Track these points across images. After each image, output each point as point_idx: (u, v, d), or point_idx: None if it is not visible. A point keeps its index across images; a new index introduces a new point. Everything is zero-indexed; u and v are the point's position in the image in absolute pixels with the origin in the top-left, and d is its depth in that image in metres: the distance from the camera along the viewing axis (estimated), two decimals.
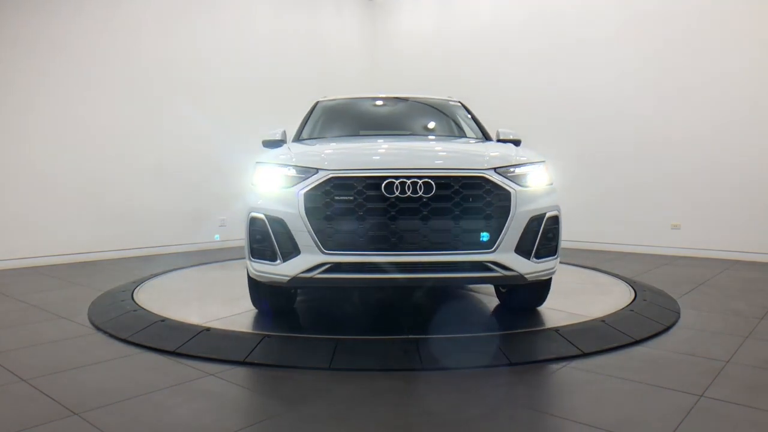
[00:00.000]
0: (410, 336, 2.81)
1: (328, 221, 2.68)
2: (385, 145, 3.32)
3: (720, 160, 6.14)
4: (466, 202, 2.66)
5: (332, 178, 2.71)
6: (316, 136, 4.07)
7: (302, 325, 3.06)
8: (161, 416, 2.02)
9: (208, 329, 2.95)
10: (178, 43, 6.82)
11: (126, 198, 6.33)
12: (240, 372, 2.47)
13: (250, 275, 3.03)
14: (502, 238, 2.65)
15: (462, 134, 4.14)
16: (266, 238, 2.78)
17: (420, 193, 2.63)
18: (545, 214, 2.81)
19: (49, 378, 2.39)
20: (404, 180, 2.65)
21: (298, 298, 3.81)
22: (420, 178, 2.66)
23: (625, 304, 3.52)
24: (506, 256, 2.67)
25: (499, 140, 3.81)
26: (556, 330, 2.91)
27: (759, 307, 3.73)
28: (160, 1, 6.65)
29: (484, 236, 2.65)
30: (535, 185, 2.89)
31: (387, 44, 9.32)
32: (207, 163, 6.99)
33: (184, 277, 4.73)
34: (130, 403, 2.14)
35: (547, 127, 7.33)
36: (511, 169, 2.83)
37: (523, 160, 2.96)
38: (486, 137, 4.03)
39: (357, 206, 2.65)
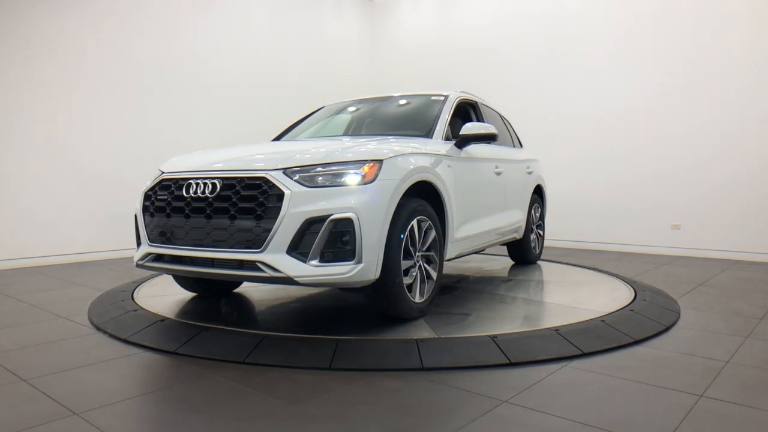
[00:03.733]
0: (411, 336, 2.81)
1: (151, 217, 3.08)
2: (231, 149, 3.38)
3: (720, 160, 6.15)
4: (243, 202, 2.75)
5: (162, 180, 3.13)
6: (288, 139, 4.35)
7: (302, 325, 3.06)
8: (161, 416, 2.02)
9: (207, 329, 2.95)
10: (177, 43, 6.82)
11: (126, 198, 6.32)
12: (240, 372, 2.47)
13: None
14: (271, 239, 2.64)
15: (421, 131, 3.84)
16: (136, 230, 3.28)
17: (206, 194, 2.85)
18: (330, 216, 2.63)
19: (49, 378, 2.39)
20: (198, 181, 2.91)
21: (297, 298, 3.81)
22: (210, 179, 2.89)
23: (625, 304, 3.51)
24: (275, 257, 2.63)
25: (461, 136, 3.70)
26: (556, 330, 2.90)
27: (759, 307, 3.73)
28: (159, 2, 6.65)
29: (256, 235, 2.69)
30: (332, 185, 2.73)
31: (387, 43, 9.32)
32: None
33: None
34: (130, 403, 2.14)
35: (546, 126, 7.33)
36: (306, 170, 2.76)
37: (328, 160, 2.81)
38: (451, 135, 3.83)
39: (166, 204, 3.01)
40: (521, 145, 5.50)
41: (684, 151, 6.38)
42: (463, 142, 3.77)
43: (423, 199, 3.21)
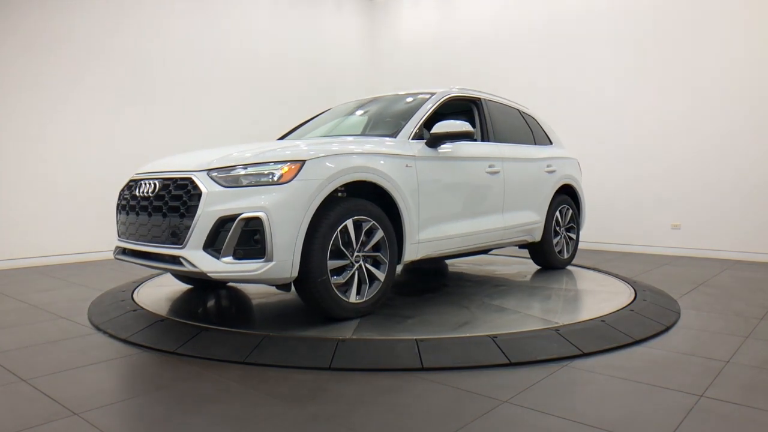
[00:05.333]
0: (411, 336, 2.81)
1: (119, 214, 3.38)
2: (199, 151, 3.50)
3: (720, 159, 6.15)
4: (173, 201, 2.93)
5: (129, 180, 3.37)
6: (290, 138, 4.41)
7: (302, 325, 3.07)
8: (161, 416, 2.02)
9: (207, 329, 2.95)
10: (177, 42, 6.82)
11: None
12: (240, 372, 2.47)
13: None
14: (190, 236, 2.80)
15: (389, 131, 3.77)
16: None
17: (149, 193, 3.07)
18: (240, 215, 2.73)
19: (49, 378, 2.39)
20: (145, 182, 3.15)
21: (298, 298, 3.81)
22: (153, 180, 3.11)
23: (625, 304, 3.51)
24: (193, 253, 2.79)
25: (431, 134, 3.62)
26: (556, 330, 2.90)
27: (759, 307, 3.73)
28: (159, 2, 6.65)
29: (180, 232, 2.86)
30: (249, 185, 2.81)
31: (387, 43, 9.32)
32: None
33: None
34: (130, 403, 2.14)
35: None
36: (226, 171, 2.88)
37: (251, 161, 2.89)
38: (420, 135, 3.73)
39: (126, 203, 3.26)
40: (551, 142, 5.18)
41: (684, 150, 6.38)
42: (434, 141, 3.64)
43: (374, 199, 3.24)
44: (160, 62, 6.66)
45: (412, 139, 3.62)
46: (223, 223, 2.76)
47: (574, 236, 5.22)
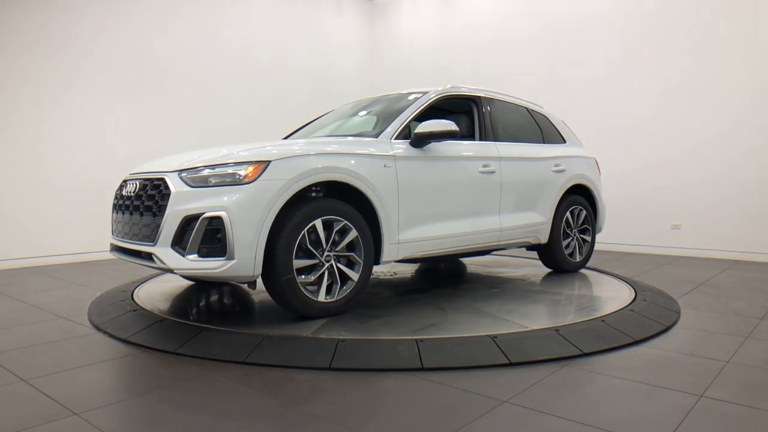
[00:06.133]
0: (410, 336, 2.81)
1: (112, 212, 3.52)
2: (187, 152, 3.59)
3: (720, 159, 6.15)
4: (148, 200, 3.08)
5: (123, 180, 3.48)
6: (294, 138, 4.46)
7: (302, 325, 3.06)
8: (161, 416, 2.02)
9: (208, 329, 2.95)
10: (177, 42, 6.82)
11: None
12: (240, 372, 2.47)
13: None
14: (160, 234, 2.93)
15: (372, 132, 3.81)
16: None
17: (131, 193, 3.23)
18: (203, 214, 2.82)
19: (49, 378, 2.39)
20: (131, 182, 3.30)
21: None
22: (136, 180, 3.26)
23: (625, 304, 3.51)
24: (162, 250, 2.92)
25: (414, 134, 3.57)
26: (556, 330, 2.90)
27: (759, 307, 3.73)
28: (159, 3, 6.65)
29: (152, 230, 3.01)
30: (214, 185, 2.90)
31: (386, 43, 9.32)
32: None
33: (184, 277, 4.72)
34: (130, 403, 2.14)
35: None
36: (194, 171, 2.99)
37: (218, 161, 2.98)
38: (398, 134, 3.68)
39: (116, 201, 3.42)
40: (564, 141, 5.01)
41: (684, 150, 6.38)
42: (419, 140, 3.59)
43: (352, 199, 3.27)
44: (161, 63, 6.66)
45: (397, 138, 3.59)
46: (189, 222, 2.87)
47: (588, 238, 4.99)
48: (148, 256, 3.00)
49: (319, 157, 3.14)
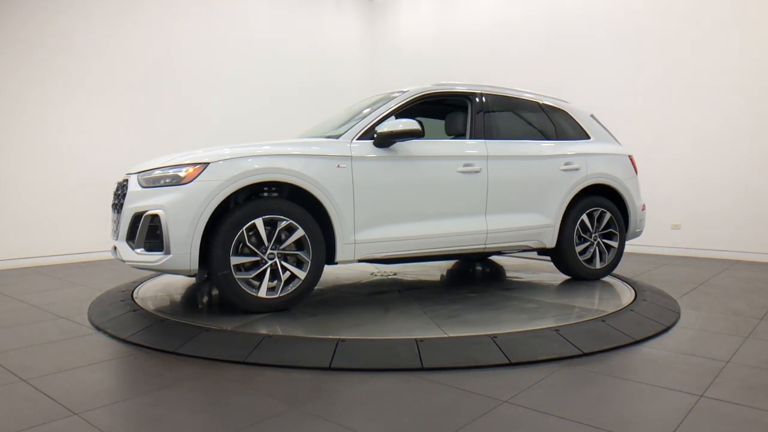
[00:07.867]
0: (411, 336, 2.81)
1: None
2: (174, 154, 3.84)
3: (720, 159, 6.14)
4: (119, 199, 3.40)
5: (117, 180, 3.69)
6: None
7: (302, 325, 3.07)
8: (161, 416, 2.02)
9: (207, 329, 2.95)
10: (177, 43, 6.82)
11: None
12: (240, 372, 2.47)
13: None
14: (118, 230, 3.28)
15: (337, 133, 3.80)
16: None
17: (115, 193, 3.54)
18: (146, 212, 3.10)
19: (49, 378, 2.39)
20: (118, 183, 3.55)
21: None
22: (119, 182, 3.52)
23: (625, 304, 3.51)
24: (120, 244, 3.28)
25: (377, 134, 3.53)
26: (556, 330, 2.90)
27: (759, 307, 3.73)
28: (158, 3, 6.65)
29: (117, 227, 3.34)
30: (160, 186, 3.15)
31: (386, 43, 9.32)
32: None
33: (184, 277, 4.72)
34: (130, 403, 2.14)
35: None
36: (148, 173, 3.25)
37: (167, 163, 3.21)
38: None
39: (112, 201, 3.62)
40: (588, 137, 4.64)
41: (684, 150, 6.38)
42: (382, 140, 3.52)
43: (302, 199, 3.35)
44: (161, 63, 6.66)
45: (361, 139, 3.55)
46: (137, 219, 3.14)
47: (614, 244, 4.49)
48: (114, 249, 3.36)
49: (257, 158, 3.22)
